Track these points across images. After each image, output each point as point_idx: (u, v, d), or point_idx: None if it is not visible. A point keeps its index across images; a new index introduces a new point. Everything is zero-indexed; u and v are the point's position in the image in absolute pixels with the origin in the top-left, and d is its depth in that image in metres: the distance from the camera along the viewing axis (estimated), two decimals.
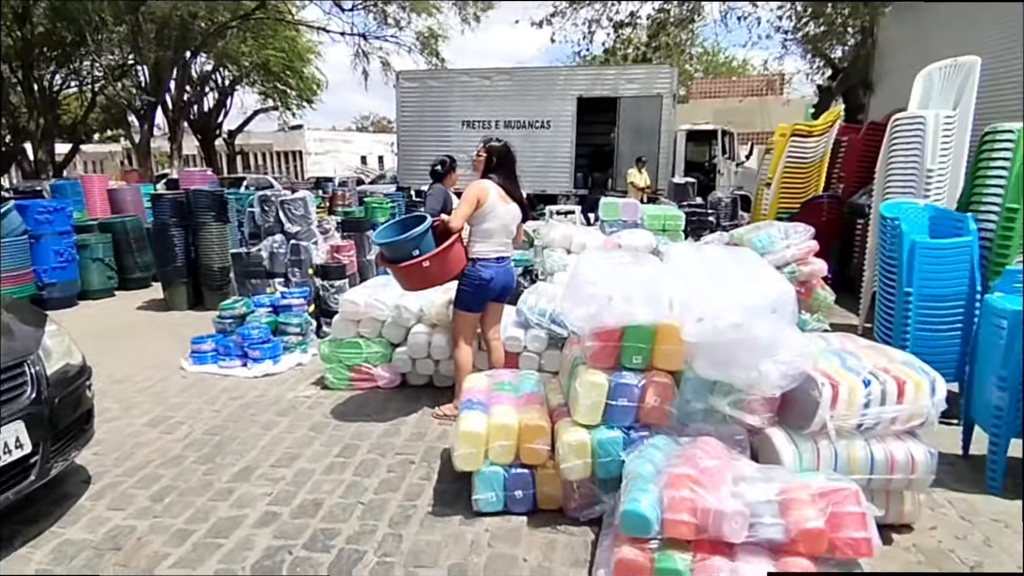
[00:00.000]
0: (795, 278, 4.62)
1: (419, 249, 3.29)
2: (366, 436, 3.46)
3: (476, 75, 12.99)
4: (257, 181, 15.87)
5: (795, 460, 2.38)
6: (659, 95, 12.13)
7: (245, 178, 17.17)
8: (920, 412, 2.39)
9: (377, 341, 4.13)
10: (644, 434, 2.50)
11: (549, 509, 2.66)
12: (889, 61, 9.20)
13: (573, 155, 12.83)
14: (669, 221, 5.79)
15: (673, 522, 2.03)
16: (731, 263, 2.60)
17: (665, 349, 2.51)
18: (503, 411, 2.72)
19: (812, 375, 2.41)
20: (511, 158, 3.51)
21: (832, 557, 1.98)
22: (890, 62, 9.10)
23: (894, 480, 2.39)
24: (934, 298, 3.35)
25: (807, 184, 6.96)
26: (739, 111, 20.67)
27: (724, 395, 2.50)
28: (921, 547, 2.43)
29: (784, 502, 2.04)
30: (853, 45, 10.88)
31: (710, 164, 13.71)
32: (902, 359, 2.56)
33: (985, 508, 2.69)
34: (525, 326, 4.02)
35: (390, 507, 2.74)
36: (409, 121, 13.33)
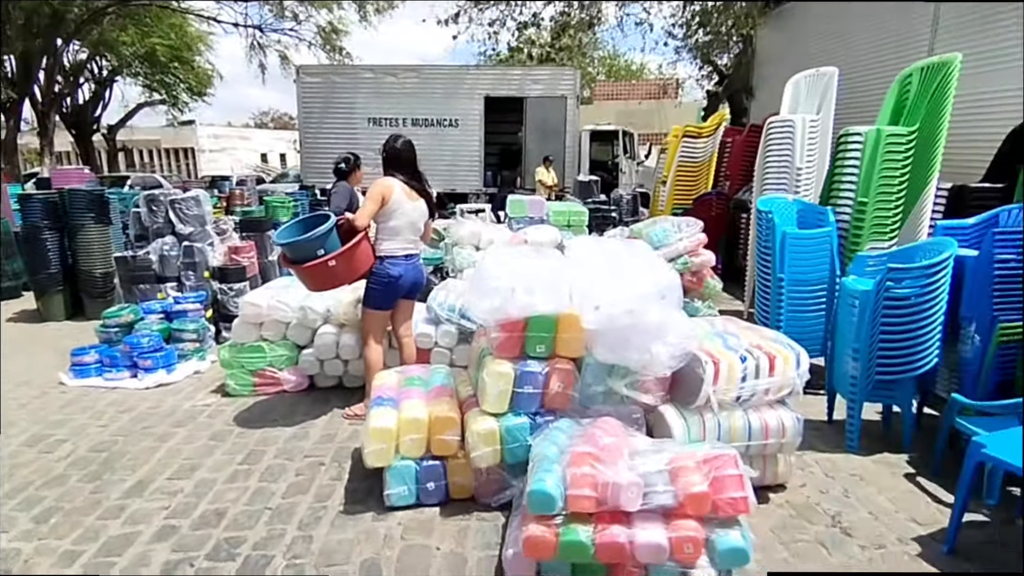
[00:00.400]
0: (687, 268, 4.99)
1: (324, 248, 3.23)
2: (272, 441, 3.36)
3: (382, 72, 12.76)
4: (143, 180, 14.68)
5: (684, 433, 2.60)
6: (563, 96, 12.52)
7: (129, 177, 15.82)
8: (788, 383, 2.69)
9: (282, 344, 4.00)
10: (549, 418, 2.62)
11: (461, 498, 2.73)
12: (766, 69, 10.08)
13: (482, 154, 12.94)
14: (573, 217, 6.03)
15: (576, 497, 2.16)
16: (625, 255, 2.79)
17: (566, 337, 2.64)
18: (413, 405, 2.75)
19: (697, 355, 2.64)
20: (413, 155, 3.52)
21: (716, 517, 2.19)
22: (767, 70, 9.98)
23: (768, 445, 2.68)
24: (801, 282, 3.74)
25: (697, 182, 7.48)
26: (639, 113, 21.74)
27: (621, 377, 2.68)
28: (792, 503, 2.74)
29: (673, 471, 2.23)
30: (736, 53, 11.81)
31: (613, 163, 14.35)
32: (772, 336, 2.86)
33: (845, 465, 3.07)
34: (436, 322, 4.05)
35: (299, 510, 2.69)
36: (312, 118, 12.86)
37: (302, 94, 12.78)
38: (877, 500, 2.75)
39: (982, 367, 2.98)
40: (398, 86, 12.62)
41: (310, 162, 12.94)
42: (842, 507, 2.70)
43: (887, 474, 2.97)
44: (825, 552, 2.40)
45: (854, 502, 2.74)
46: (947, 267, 2.91)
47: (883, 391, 3.17)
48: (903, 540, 2.46)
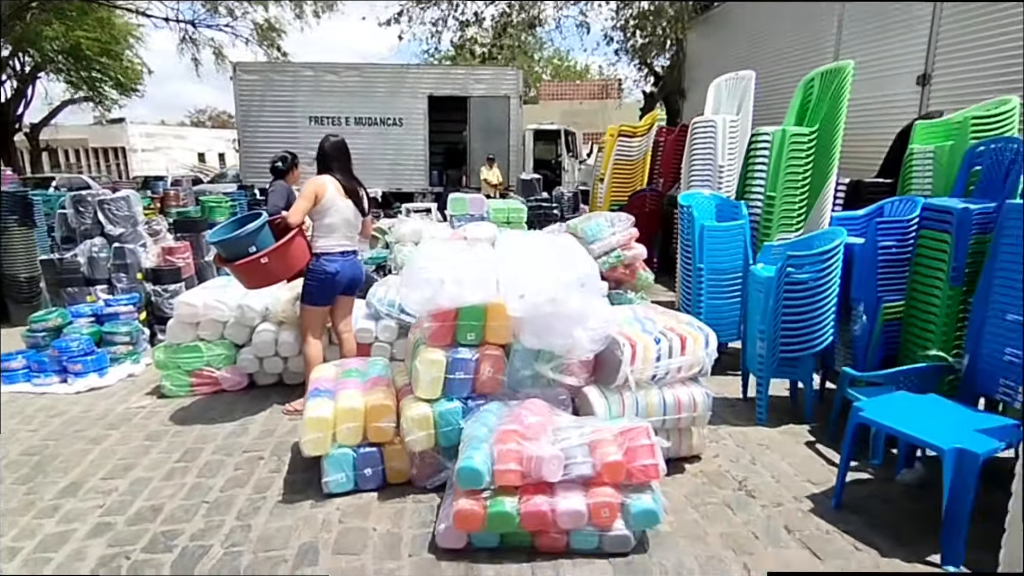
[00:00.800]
0: (621, 261, 5.23)
1: (256, 246, 3.28)
2: (210, 439, 3.38)
3: (323, 70, 12.61)
4: (70, 181, 13.98)
5: (606, 411, 2.80)
6: (506, 96, 12.71)
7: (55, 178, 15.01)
8: (698, 361, 2.93)
9: (219, 343, 4.00)
10: (480, 402, 2.78)
11: (398, 483, 2.84)
12: (696, 71, 10.58)
13: (427, 153, 12.99)
14: (512, 214, 6.21)
15: (502, 472, 2.33)
16: (549, 247, 2.97)
17: (495, 325, 2.80)
18: (349, 395, 2.85)
19: (616, 338, 2.86)
20: (346, 154, 3.60)
21: (630, 483, 2.40)
22: (697, 72, 10.47)
23: (682, 418, 2.92)
24: (718, 271, 4.04)
25: (633, 179, 7.81)
26: (583, 112, 22.20)
27: (547, 362, 2.86)
28: (705, 471, 2.99)
29: (592, 443, 2.43)
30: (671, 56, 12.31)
31: (556, 161, 14.65)
32: (686, 320, 3.11)
33: (754, 436, 3.35)
34: (376, 317, 4.14)
35: (238, 502, 2.75)
36: (251, 116, 12.57)
37: (239, 92, 12.49)
38: (780, 465, 3.04)
39: (870, 343, 3.33)
40: (339, 84, 12.51)
41: (250, 161, 12.66)
42: (749, 473, 2.97)
43: (791, 442, 3.28)
44: (731, 512, 2.65)
45: (759, 468, 3.02)
46: (838, 254, 3.23)
47: (787, 368, 3.47)
48: (798, 498, 2.74)
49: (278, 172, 4.81)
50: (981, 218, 2.89)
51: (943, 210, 3.01)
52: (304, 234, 3.51)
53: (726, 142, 5.45)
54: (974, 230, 2.90)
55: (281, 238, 3.35)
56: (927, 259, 3.13)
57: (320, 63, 12.74)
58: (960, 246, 2.92)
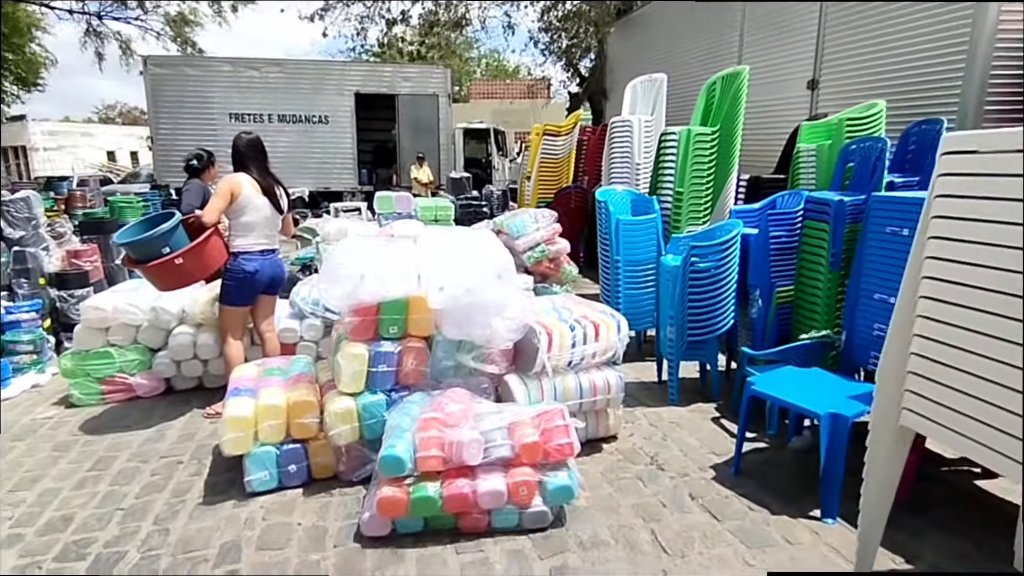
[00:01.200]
0: (546, 256, 5.42)
1: (170, 246, 3.20)
2: (124, 446, 3.27)
3: (242, 65, 12.15)
4: None
5: (526, 396, 2.94)
6: (435, 94, 12.71)
7: None
8: (611, 347, 3.13)
9: (133, 348, 3.85)
10: (404, 394, 2.85)
11: (324, 477, 2.87)
12: (617, 73, 10.98)
13: (355, 151, 12.78)
14: (440, 212, 6.28)
15: (424, 458, 2.42)
16: (467, 241, 3.07)
17: (416, 318, 2.88)
18: (271, 393, 2.85)
19: (534, 327, 3.00)
20: (262, 151, 3.56)
21: (547, 462, 2.54)
22: (617, 74, 10.87)
23: (597, 400, 3.10)
24: (634, 263, 4.27)
25: (558, 176, 8.04)
26: (513, 111, 22.46)
27: (468, 352, 2.97)
28: (621, 449, 3.19)
29: (511, 426, 2.56)
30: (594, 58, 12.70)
31: (487, 160, 14.79)
32: (600, 309, 3.30)
33: (667, 416, 3.59)
34: (300, 317, 4.11)
35: (155, 507, 2.69)
36: (165, 112, 11.94)
37: (151, 87, 11.84)
38: (688, 440, 3.29)
39: (766, 325, 3.64)
40: (261, 80, 12.10)
41: (165, 160, 12.03)
42: (660, 449, 3.19)
43: (699, 419, 3.54)
44: (642, 485, 2.85)
45: (670, 444, 3.25)
46: (735, 244, 3.52)
47: (695, 351, 3.74)
48: (703, 468, 2.99)
49: (193, 171, 4.66)
50: (853, 209, 3.23)
51: (822, 202, 3.35)
52: (221, 233, 3.45)
53: (642, 141, 5.75)
54: (848, 220, 3.24)
55: (196, 238, 3.29)
56: (811, 247, 3.47)
57: (239, 58, 12.27)
58: (837, 234, 3.26)
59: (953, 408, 1.75)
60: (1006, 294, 1.59)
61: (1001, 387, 1.60)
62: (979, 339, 1.67)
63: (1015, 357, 1.56)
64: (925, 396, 1.84)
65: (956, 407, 1.74)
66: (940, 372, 1.78)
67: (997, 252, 1.62)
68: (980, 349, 1.66)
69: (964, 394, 1.71)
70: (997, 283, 1.62)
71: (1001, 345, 1.60)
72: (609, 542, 2.43)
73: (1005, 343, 1.59)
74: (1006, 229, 1.59)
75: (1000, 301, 1.61)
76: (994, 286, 1.63)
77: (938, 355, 1.78)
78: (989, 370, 1.64)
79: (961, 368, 1.72)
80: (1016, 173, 1.57)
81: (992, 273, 1.63)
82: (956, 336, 1.73)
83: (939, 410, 1.80)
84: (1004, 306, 1.60)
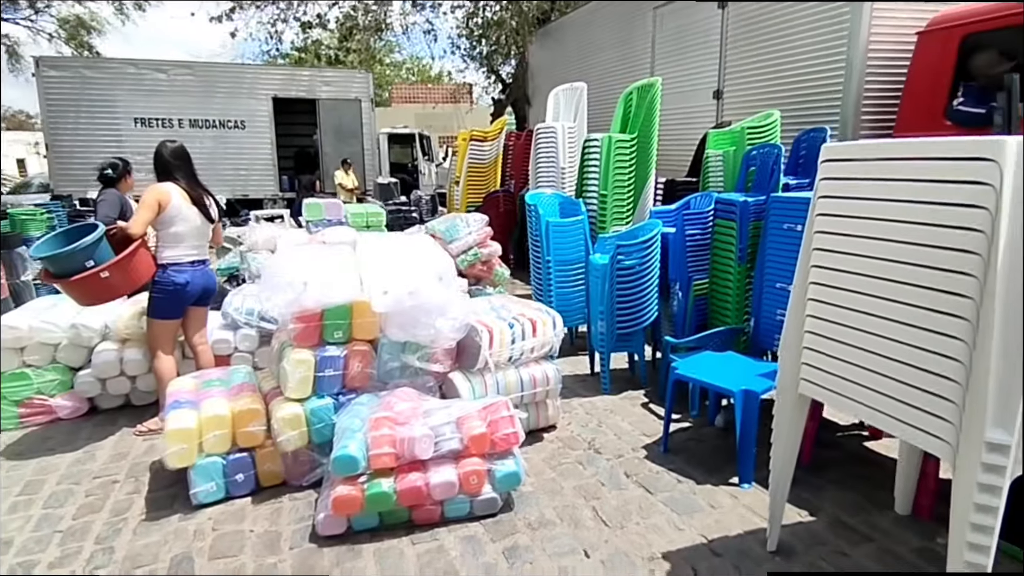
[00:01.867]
0: (478, 259, 5.56)
1: (94, 260, 3.09)
2: (52, 469, 3.12)
3: (148, 67, 11.48)
4: None
5: (470, 393, 3.09)
6: (357, 99, 12.56)
7: None
8: (548, 342, 3.33)
9: (51, 368, 3.65)
10: (352, 396, 2.91)
11: (273, 485, 2.88)
12: (539, 80, 11.34)
13: (275, 157, 12.40)
14: (371, 218, 6.28)
15: (377, 456, 2.51)
16: (406, 246, 3.18)
17: (360, 322, 2.95)
18: (214, 403, 2.83)
19: (475, 326, 3.15)
20: (188, 159, 3.50)
21: (495, 451, 2.70)
22: (539, 81, 11.23)
23: (538, 392, 3.29)
24: (564, 263, 4.51)
25: (486, 181, 8.23)
26: (437, 116, 22.47)
27: (413, 352, 3.07)
28: (560, 437, 3.40)
29: (459, 420, 2.69)
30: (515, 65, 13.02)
31: (413, 165, 14.77)
32: (535, 307, 3.50)
33: (601, 404, 3.85)
34: (234, 327, 4.04)
35: (95, 527, 2.62)
36: (61, 118, 11.08)
37: (45, 90, 10.95)
38: (621, 425, 3.55)
39: (686, 315, 3.98)
40: (168, 84, 11.49)
41: (63, 168, 11.16)
42: (596, 435, 3.43)
43: (629, 406, 3.82)
44: (582, 468, 3.07)
45: (605, 430, 3.50)
46: (656, 242, 3.83)
47: (624, 342, 4.03)
48: (635, 449, 3.25)
49: (108, 180, 4.47)
50: (756, 208, 3.62)
51: (730, 203, 3.72)
52: (147, 245, 3.36)
53: (566, 146, 6.04)
54: (752, 218, 3.62)
55: (117, 250, 3.19)
56: (721, 243, 3.84)
57: (144, 60, 11.59)
58: (743, 231, 3.64)
59: (840, 376, 2.07)
60: (879, 278, 1.91)
61: (878, 356, 1.92)
62: (857, 316, 1.98)
63: (890, 331, 1.88)
64: (818, 367, 2.15)
65: (843, 375, 2.06)
66: (828, 346, 2.09)
67: (865, 242, 1.94)
68: (859, 325, 1.98)
69: (848, 363, 2.03)
70: (868, 268, 1.94)
71: (874, 320, 1.92)
72: (555, 521, 2.62)
73: (880, 319, 1.91)
74: (870, 223, 1.91)
75: (871, 283, 1.93)
76: (866, 271, 1.95)
77: (826, 331, 2.10)
78: (867, 342, 1.95)
79: (845, 341, 2.03)
80: (876, 177, 1.90)
81: (863, 260, 1.96)
82: (839, 315, 2.04)
83: (829, 378, 2.11)
84: (878, 288, 1.92)
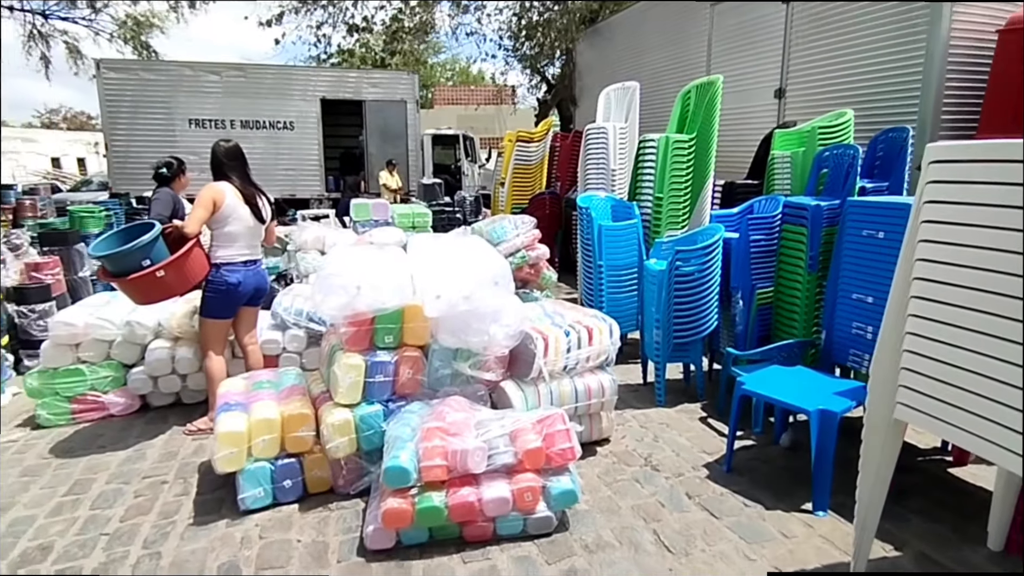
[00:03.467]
0: (526, 261, 5.43)
1: (150, 259, 3.09)
2: (102, 468, 3.12)
3: (202, 69, 11.78)
4: None
5: (523, 402, 2.95)
6: (403, 100, 12.62)
7: None
8: (604, 350, 3.17)
9: (105, 365, 3.69)
10: (401, 404, 2.82)
11: (320, 492, 2.81)
12: (586, 80, 11.14)
13: (322, 158, 12.56)
14: (417, 219, 6.24)
15: (428, 468, 2.40)
16: (460, 248, 3.07)
17: (412, 327, 2.86)
18: (264, 407, 2.77)
19: (529, 333, 3.02)
20: (242, 158, 3.48)
21: (549, 467, 2.56)
22: (587, 81, 11.04)
23: (592, 404, 3.14)
24: (616, 267, 4.34)
25: (532, 182, 8.10)
26: (479, 117, 22.49)
27: (465, 359, 2.96)
28: (615, 452, 3.23)
29: (513, 433, 2.57)
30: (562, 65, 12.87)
31: (456, 166, 14.77)
32: (591, 313, 3.34)
33: (655, 417, 3.66)
34: (283, 328, 4.02)
35: (143, 530, 2.59)
36: (120, 118, 11.48)
37: (105, 92, 11.36)
38: (678, 440, 3.35)
39: (748, 326, 3.75)
40: (222, 85, 11.77)
41: (121, 167, 11.55)
42: (652, 450, 3.25)
43: (686, 419, 3.62)
44: (639, 486, 2.90)
45: (662, 444, 3.31)
46: (718, 248, 3.62)
47: (680, 352, 3.83)
48: (696, 468, 3.05)
49: (162, 179, 4.52)
50: (829, 213, 3.37)
51: (800, 207, 3.48)
52: (201, 244, 3.35)
53: (617, 147, 5.84)
54: (824, 224, 3.38)
55: (171, 249, 3.18)
56: (789, 250, 3.60)
57: (199, 62, 11.90)
58: (814, 238, 3.40)
59: (946, 401, 1.84)
60: (995, 293, 1.69)
61: (993, 381, 1.70)
62: (970, 336, 1.76)
63: (1007, 353, 1.65)
64: (918, 390, 1.93)
65: (949, 400, 1.83)
66: (933, 367, 1.87)
67: (985, 254, 1.72)
68: (971, 345, 1.76)
69: (957, 388, 1.81)
70: (985, 283, 1.72)
71: (992, 341, 1.70)
72: (614, 544, 2.46)
73: (995, 339, 1.69)
74: (993, 232, 1.69)
75: (989, 299, 1.71)
76: (983, 285, 1.73)
77: (930, 351, 1.88)
78: (981, 365, 1.73)
79: (953, 363, 1.81)
80: (1001, 181, 1.67)
81: (980, 273, 1.74)
82: (948, 333, 1.82)
83: (932, 403, 1.89)
84: (993, 304, 1.70)
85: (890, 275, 2.01)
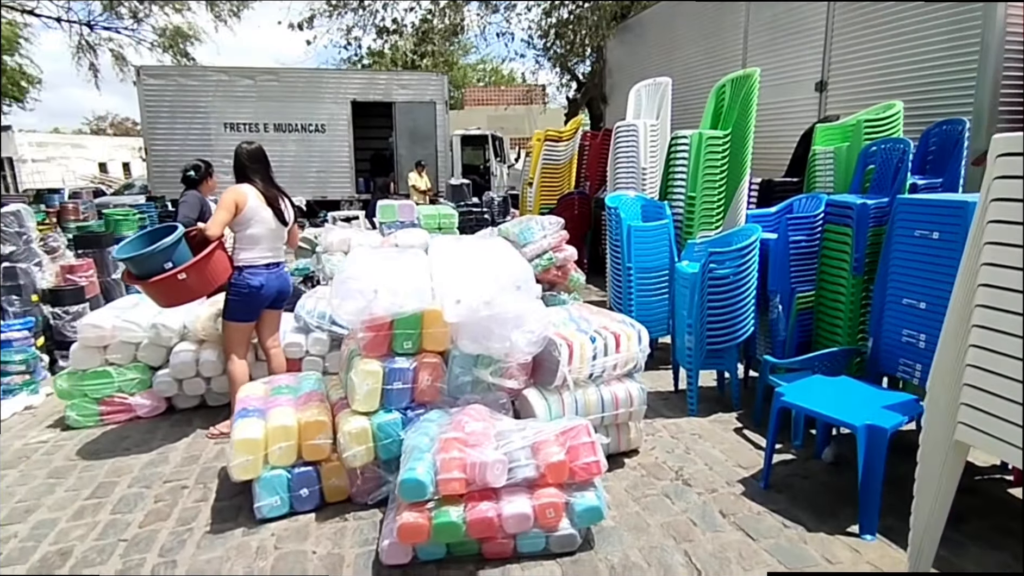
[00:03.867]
0: (553, 263, 5.31)
1: (172, 261, 3.08)
2: (126, 471, 3.12)
3: (237, 74, 12.02)
4: None
5: (546, 412, 2.83)
6: (432, 101, 12.63)
7: None
8: (633, 357, 3.02)
9: (132, 367, 3.71)
10: (420, 412, 2.72)
11: (337, 501, 2.74)
12: (616, 78, 10.93)
13: (352, 159, 12.68)
14: (443, 220, 6.17)
15: (446, 481, 2.29)
16: (482, 251, 2.96)
17: (431, 332, 2.76)
18: (281, 413, 2.72)
19: (553, 339, 2.89)
20: (265, 161, 3.45)
21: (573, 481, 2.43)
22: (617, 78, 10.82)
23: (620, 414, 2.99)
24: (646, 270, 4.17)
25: (560, 182, 7.95)
26: (508, 118, 22.41)
27: (486, 366, 2.85)
28: (643, 464, 3.08)
29: (535, 445, 2.44)
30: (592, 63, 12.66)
31: (485, 167, 14.71)
32: (618, 318, 3.19)
33: (687, 427, 3.49)
34: (306, 331, 3.99)
35: (160, 537, 2.56)
36: (159, 123, 11.80)
37: (145, 97, 11.70)
38: (712, 453, 3.18)
39: (787, 332, 3.54)
40: (256, 90, 11.99)
41: (159, 171, 11.88)
42: (684, 463, 3.08)
43: (720, 430, 3.43)
44: (669, 502, 2.74)
45: (694, 457, 3.14)
46: (754, 249, 3.43)
47: (714, 359, 3.64)
48: (731, 483, 2.88)
49: (190, 182, 4.54)
50: (877, 212, 3.15)
51: (844, 205, 3.26)
52: (224, 247, 3.33)
53: (647, 145, 5.66)
54: (871, 223, 3.15)
55: (197, 252, 3.16)
56: (832, 251, 3.38)
57: (234, 67, 12.15)
58: (860, 238, 3.17)
59: (1016, 423, 1.65)
60: None
61: None
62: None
63: None
64: (983, 410, 1.74)
65: (1020, 422, 1.64)
66: (1000, 384, 1.68)
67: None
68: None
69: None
70: None
71: None
72: (642, 565, 2.31)
73: None
74: None
75: None
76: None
77: (998, 366, 1.68)
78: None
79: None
80: None
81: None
82: (1018, 347, 1.63)
83: (999, 424, 1.70)
84: None
85: (946, 279, 1.84)
